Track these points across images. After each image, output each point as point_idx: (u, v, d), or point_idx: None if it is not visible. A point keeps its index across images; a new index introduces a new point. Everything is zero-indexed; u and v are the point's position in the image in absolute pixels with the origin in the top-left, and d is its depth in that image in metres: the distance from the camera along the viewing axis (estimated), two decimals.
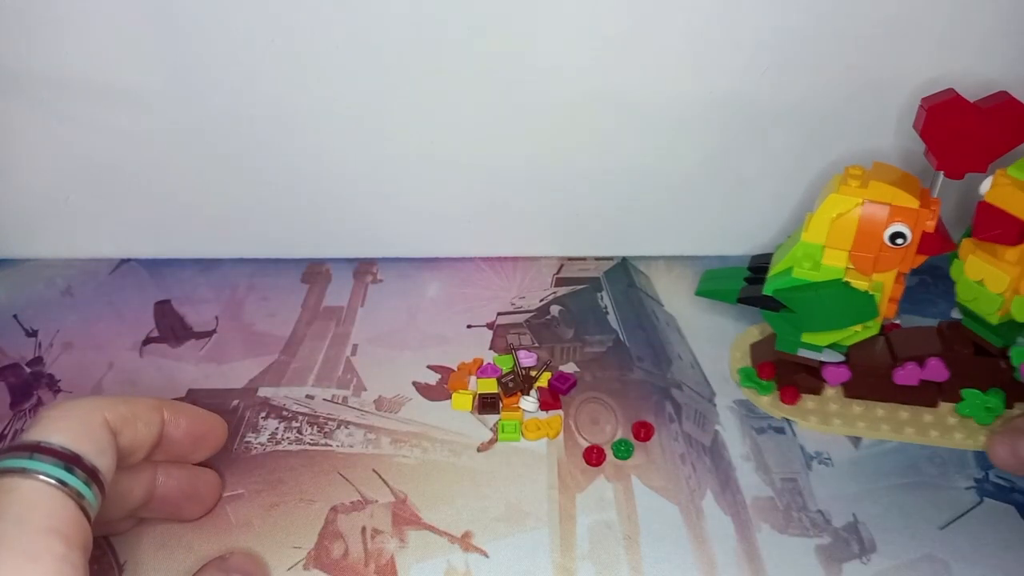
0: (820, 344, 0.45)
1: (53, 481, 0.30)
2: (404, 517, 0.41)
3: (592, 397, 0.47)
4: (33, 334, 0.52)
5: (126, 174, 0.54)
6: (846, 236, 0.42)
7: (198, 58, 0.49)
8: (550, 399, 0.47)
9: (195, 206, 0.56)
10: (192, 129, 0.52)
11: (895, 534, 0.39)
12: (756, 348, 0.50)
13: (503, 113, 0.51)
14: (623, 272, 0.58)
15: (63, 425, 0.32)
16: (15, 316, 0.54)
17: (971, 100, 0.41)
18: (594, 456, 0.43)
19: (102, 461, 0.32)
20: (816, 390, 0.47)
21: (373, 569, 0.38)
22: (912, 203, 0.41)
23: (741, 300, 0.46)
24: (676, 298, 0.55)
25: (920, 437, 0.45)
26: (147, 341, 0.52)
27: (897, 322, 0.48)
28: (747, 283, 0.47)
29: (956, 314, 0.45)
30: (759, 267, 0.48)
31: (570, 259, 0.59)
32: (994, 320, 0.42)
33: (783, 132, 0.50)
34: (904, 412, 0.46)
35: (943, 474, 0.43)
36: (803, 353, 0.46)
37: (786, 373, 0.47)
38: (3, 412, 0.47)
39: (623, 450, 0.44)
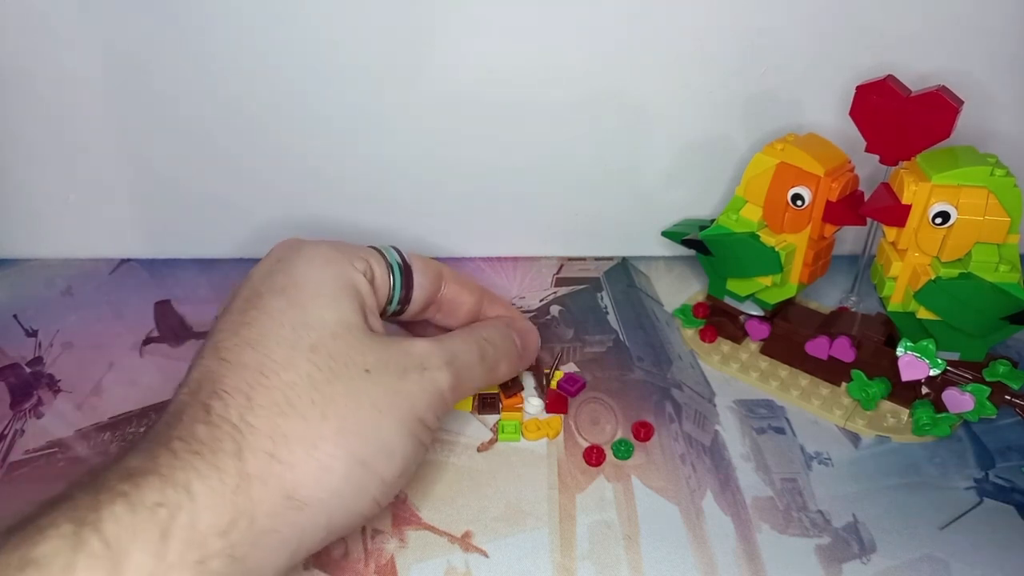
0: (741, 294, 0.49)
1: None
2: (404, 517, 0.40)
3: (592, 397, 0.47)
4: (33, 334, 0.52)
5: (127, 174, 0.54)
6: (760, 193, 0.46)
7: (198, 59, 0.49)
8: (557, 402, 0.46)
9: (195, 206, 0.56)
10: (192, 129, 0.52)
11: (895, 534, 0.39)
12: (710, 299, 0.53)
13: (502, 114, 0.51)
14: (623, 272, 0.58)
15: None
16: (15, 316, 0.54)
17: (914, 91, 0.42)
18: (594, 456, 0.43)
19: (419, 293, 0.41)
20: (736, 339, 0.50)
21: (373, 569, 0.38)
22: (817, 170, 0.43)
23: (683, 241, 0.50)
24: (676, 298, 0.55)
25: (800, 402, 0.46)
26: (147, 341, 0.52)
27: (847, 306, 0.51)
28: (700, 230, 0.49)
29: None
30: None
31: (570, 259, 0.59)
32: (888, 305, 0.44)
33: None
34: (804, 379, 0.48)
35: (943, 474, 0.42)
36: (728, 301, 0.50)
37: (714, 316, 0.51)
38: (3, 412, 0.47)
39: (623, 450, 0.43)
